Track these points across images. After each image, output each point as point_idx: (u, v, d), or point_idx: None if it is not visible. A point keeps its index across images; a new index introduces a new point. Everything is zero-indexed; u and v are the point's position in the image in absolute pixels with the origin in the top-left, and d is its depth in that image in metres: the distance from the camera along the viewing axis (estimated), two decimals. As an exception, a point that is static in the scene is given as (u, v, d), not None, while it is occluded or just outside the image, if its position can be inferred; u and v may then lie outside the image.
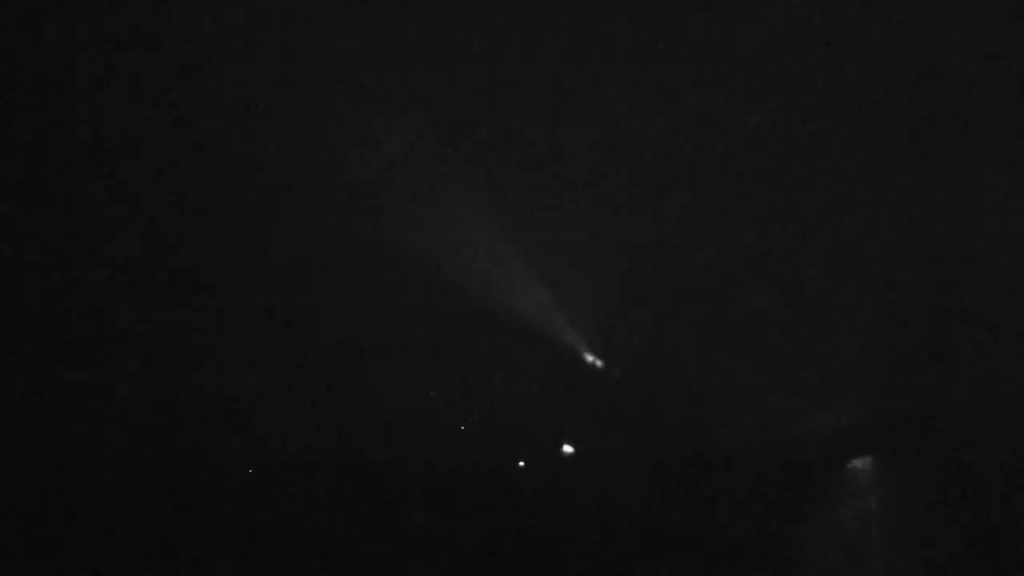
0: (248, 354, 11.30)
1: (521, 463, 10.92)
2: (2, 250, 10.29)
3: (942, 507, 9.73)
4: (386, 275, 12.03)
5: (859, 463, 10.20)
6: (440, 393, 11.96)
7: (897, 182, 10.49)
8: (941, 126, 10.10)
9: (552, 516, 10.28)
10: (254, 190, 11.57)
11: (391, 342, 12.01)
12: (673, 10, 10.79)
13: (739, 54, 10.73)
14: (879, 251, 10.62)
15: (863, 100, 10.46)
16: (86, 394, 10.17)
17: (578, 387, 11.82)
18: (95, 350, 10.45)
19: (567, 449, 11.11)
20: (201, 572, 9.53)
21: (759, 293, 11.13)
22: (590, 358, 12.05)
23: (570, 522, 10.17)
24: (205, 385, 10.94)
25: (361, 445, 11.13)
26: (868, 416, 10.42)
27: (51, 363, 10.23)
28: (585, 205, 11.83)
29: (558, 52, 11.38)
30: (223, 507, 10.03)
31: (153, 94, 11.00)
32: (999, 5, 9.60)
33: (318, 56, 11.37)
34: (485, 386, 11.87)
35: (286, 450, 10.89)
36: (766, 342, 11.06)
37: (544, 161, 11.78)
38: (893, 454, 10.28)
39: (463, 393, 11.83)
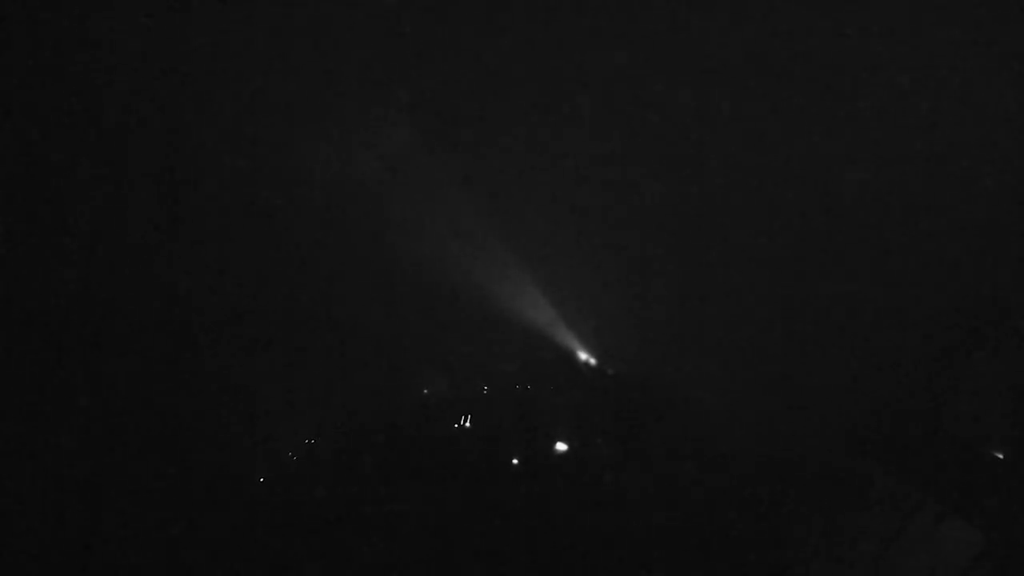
0: (247, 354, 11.34)
1: (515, 460, 10.84)
2: (4, 248, 10.27)
3: (937, 506, 9.72)
4: (382, 276, 12.07)
5: (857, 463, 10.18)
6: (433, 392, 11.93)
7: (896, 185, 10.51)
8: (943, 129, 10.13)
9: (546, 513, 10.22)
10: (254, 191, 11.63)
11: (386, 342, 12.03)
12: (673, 11, 10.80)
13: (739, 55, 10.75)
14: (879, 252, 10.64)
15: (864, 102, 10.48)
16: (87, 394, 10.15)
17: (573, 386, 11.82)
18: (96, 350, 10.41)
19: (560, 447, 11.05)
20: (201, 570, 9.47)
21: (757, 294, 11.13)
22: (584, 357, 12.03)
23: (564, 519, 10.12)
24: (203, 385, 10.92)
25: (357, 443, 11.09)
26: (868, 416, 10.42)
27: (54, 359, 10.19)
28: (583, 207, 11.88)
29: (558, 53, 11.39)
30: (220, 505, 10.00)
31: (154, 96, 11.01)
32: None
33: (317, 57, 11.40)
34: (478, 385, 11.85)
35: (284, 448, 10.89)
36: (763, 342, 11.05)
37: (543, 164, 11.83)
38: (892, 454, 10.27)
39: (457, 391, 11.80)
